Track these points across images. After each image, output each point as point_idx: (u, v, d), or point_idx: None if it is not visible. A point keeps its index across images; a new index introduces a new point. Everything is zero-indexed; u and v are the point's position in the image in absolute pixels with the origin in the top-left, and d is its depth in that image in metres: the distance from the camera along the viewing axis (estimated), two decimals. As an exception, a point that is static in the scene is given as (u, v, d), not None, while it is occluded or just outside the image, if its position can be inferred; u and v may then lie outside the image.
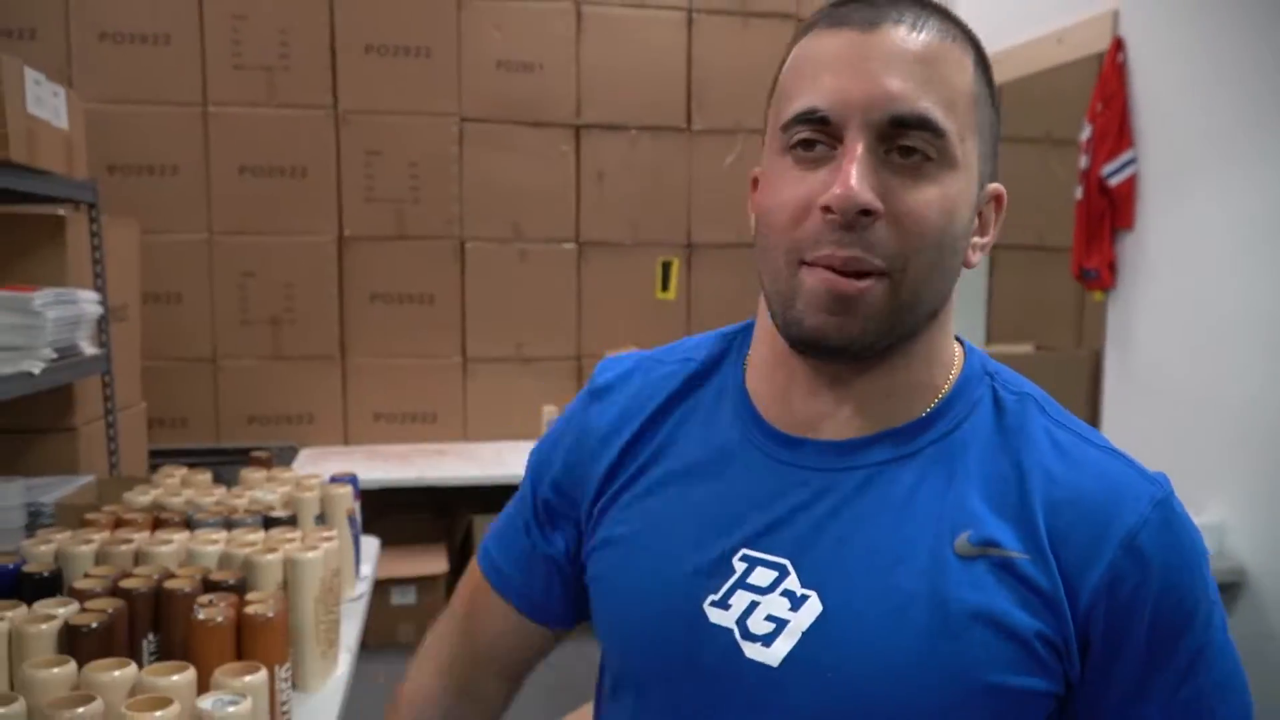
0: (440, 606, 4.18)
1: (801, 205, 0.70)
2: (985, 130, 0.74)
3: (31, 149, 2.08)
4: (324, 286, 4.38)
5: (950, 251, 0.72)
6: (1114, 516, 0.70)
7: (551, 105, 4.55)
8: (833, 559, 0.72)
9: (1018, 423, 0.75)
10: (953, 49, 0.71)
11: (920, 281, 0.71)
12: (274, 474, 2.19)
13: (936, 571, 0.70)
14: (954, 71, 0.71)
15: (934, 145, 0.69)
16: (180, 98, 4.21)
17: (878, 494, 0.73)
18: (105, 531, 1.70)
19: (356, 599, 2.03)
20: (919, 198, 0.69)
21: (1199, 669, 0.71)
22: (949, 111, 0.70)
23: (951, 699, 0.68)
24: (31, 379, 2.05)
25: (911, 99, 0.68)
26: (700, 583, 0.76)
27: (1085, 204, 3.32)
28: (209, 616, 1.31)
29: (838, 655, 0.70)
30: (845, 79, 0.69)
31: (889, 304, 0.70)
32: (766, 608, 0.72)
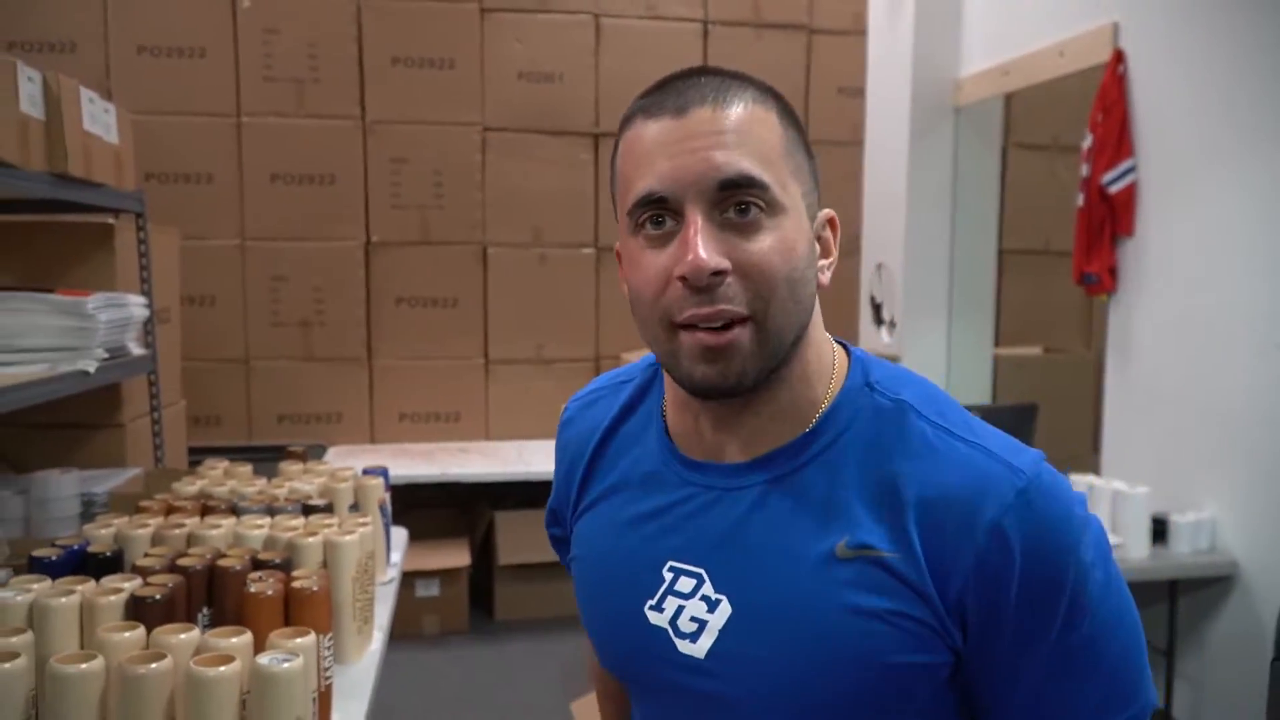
0: (464, 599, 4.31)
1: (661, 278, 0.78)
2: (802, 170, 0.82)
3: (87, 163, 2.24)
4: (352, 290, 4.54)
5: (799, 284, 0.79)
6: (978, 509, 0.76)
7: (571, 114, 4.69)
8: (738, 567, 0.82)
9: (895, 429, 0.81)
10: (755, 111, 0.79)
11: (780, 318, 0.78)
12: (310, 467, 2.34)
13: (823, 573, 0.79)
14: (762, 131, 0.79)
15: (761, 198, 0.77)
16: (215, 108, 4.38)
17: (773, 507, 0.82)
18: (159, 517, 1.85)
19: (387, 583, 2.17)
20: (759, 248, 0.77)
21: (1077, 621, 0.77)
22: (766, 166, 0.77)
23: (853, 682, 0.78)
24: (86, 377, 2.21)
25: (732, 164, 0.76)
26: (640, 590, 0.88)
27: (1086, 211, 3.43)
28: (260, 590, 1.45)
29: (749, 648, 0.81)
30: (673, 162, 0.77)
31: (757, 344, 0.78)
32: (690, 610, 0.84)
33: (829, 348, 0.87)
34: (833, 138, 4.98)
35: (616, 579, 0.91)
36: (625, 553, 0.90)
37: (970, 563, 0.76)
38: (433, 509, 4.54)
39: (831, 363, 0.86)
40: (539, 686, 3.71)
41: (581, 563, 0.97)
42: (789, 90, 4.92)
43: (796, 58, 4.94)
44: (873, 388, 0.84)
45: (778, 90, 0.84)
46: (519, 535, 4.31)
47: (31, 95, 1.99)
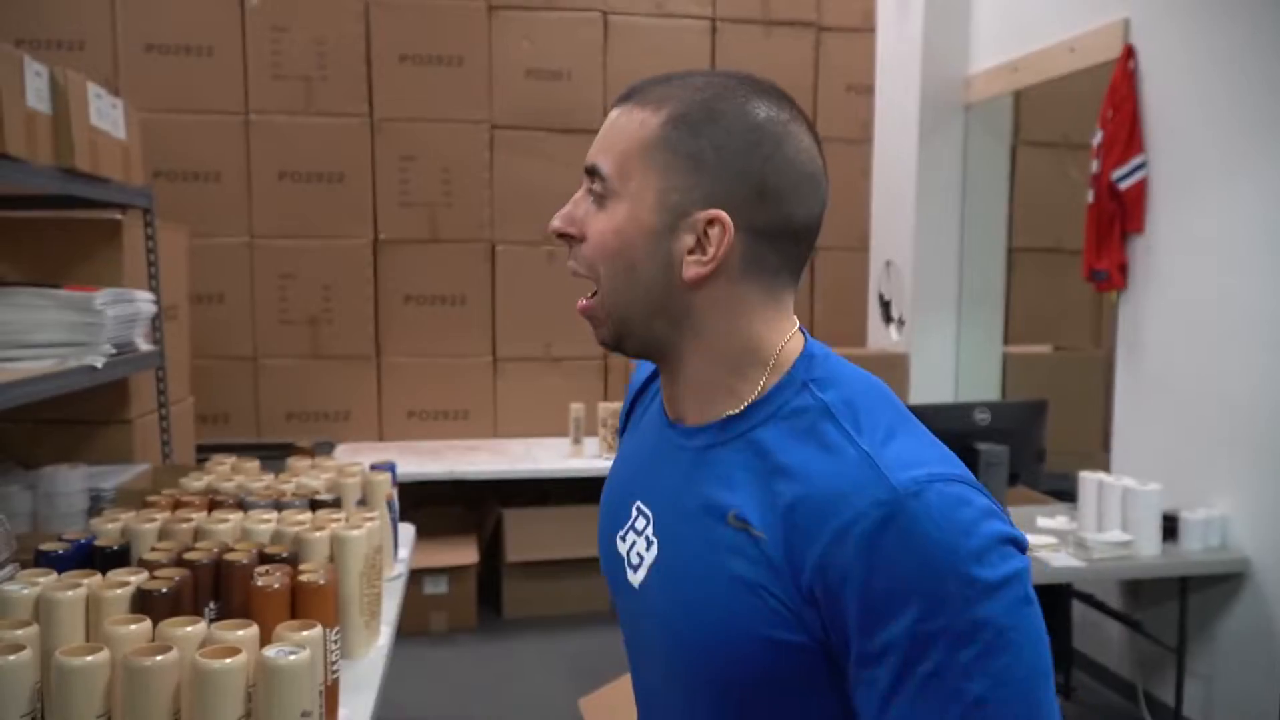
0: (472, 596, 4.32)
1: None
2: (671, 168, 0.87)
3: (94, 158, 2.24)
4: (360, 288, 4.54)
5: (634, 266, 0.88)
6: (834, 512, 0.78)
7: (579, 112, 4.69)
8: (668, 517, 0.92)
9: (806, 426, 0.85)
10: (635, 114, 0.89)
11: (612, 291, 0.89)
12: (318, 462, 2.33)
13: (716, 537, 0.86)
14: (627, 129, 0.89)
15: (601, 183, 0.89)
16: (223, 106, 4.39)
17: (704, 470, 0.90)
18: (166, 512, 1.85)
19: (395, 578, 2.17)
20: (594, 223, 0.89)
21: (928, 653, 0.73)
22: (613, 158, 0.89)
23: (734, 650, 0.83)
24: (93, 373, 2.21)
25: (592, 153, 0.91)
26: (617, 520, 1.00)
27: (1096, 207, 3.41)
28: (267, 583, 1.44)
29: (661, 596, 0.91)
30: None
31: (603, 310, 0.90)
32: (637, 546, 0.95)
33: (769, 339, 0.91)
34: (842, 135, 4.96)
35: (609, 506, 1.04)
36: (618, 484, 1.04)
37: (816, 563, 0.78)
38: (441, 506, 4.54)
39: (773, 354, 0.90)
40: (547, 684, 3.71)
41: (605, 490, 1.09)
42: (798, 87, 4.93)
43: (805, 55, 4.92)
44: (807, 385, 0.88)
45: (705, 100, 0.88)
46: (528, 532, 4.31)
47: (39, 89, 1.99)
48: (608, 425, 4.31)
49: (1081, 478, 3.03)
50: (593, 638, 4.08)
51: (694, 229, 0.87)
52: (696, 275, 0.87)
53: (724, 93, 0.88)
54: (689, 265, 0.87)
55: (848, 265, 4.93)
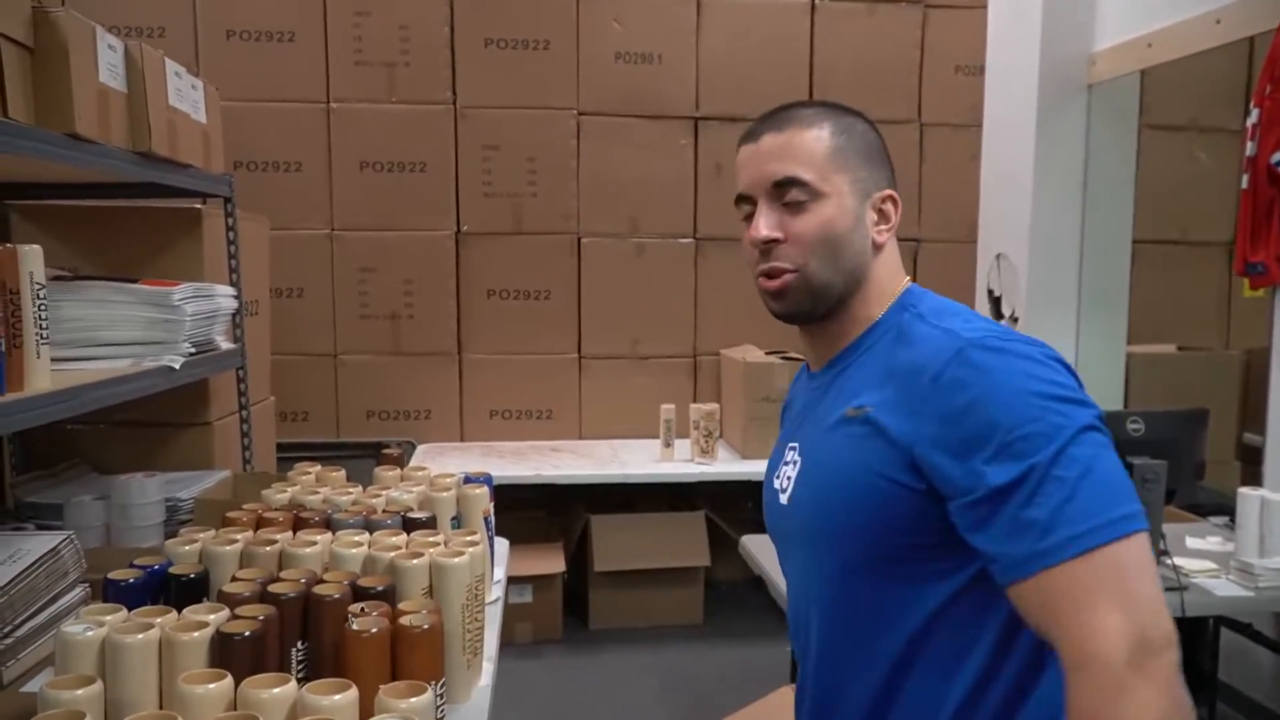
0: (557, 606, 4.13)
1: (749, 245, 1.17)
2: (852, 163, 1.15)
3: (172, 142, 2.07)
4: (441, 282, 4.36)
5: (840, 245, 1.14)
6: (923, 368, 1.04)
7: (670, 97, 4.45)
8: (811, 440, 1.19)
9: (906, 332, 1.11)
10: (804, 132, 1.15)
11: (822, 271, 1.14)
12: (407, 473, 2.14)
13: (842, 429, 1.11)
14: (807, 144, 1.14)
15: (803, 191, 1.13)
16: (304, 95, 4.24)
17: (828, 395, 1.18)
18: (248, 530, 1.67)
19: (493, 602, 1.97)
20: (804, 224, 1.13)
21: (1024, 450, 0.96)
22: (809, 167, 1.13)
23: (862, 489, 1.07)
24: (172, 374, 2.04)
25: (785, 167, 1.13)
26: (774, 466, 1.27)
27: (1251, 193, 3.08)
28: (364, 627, 1.24)
29: (801, 489, 1.18)
30: (748, 172, 1.17)
31: (803, 289, 1.14)
32: (785, 472, 1.22)
33: (892, 285, 1.19)
34: (949, 120, 4.67)
35: (771, 465, 1.29)
36: (779, 446, 1.30)
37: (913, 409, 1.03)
38: (524, 510, 4.34)
39: (890, 295, 1.18)
40: (636, 699, 3.50)
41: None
42: (902, 69, 4.64)
43: (910, 35, 4.62)
44: (905, 308, 1.15)
45: (843, 108, 1.20)
46: (615, 540, 4.10)
47: (112, 65, 1.82)
48: (700, 428, 4.08)
49: (1241, 495, 2.71)
50: (683, 651, 3.86)
51: (875, 206, 1.18)
52: (883, 242, 1.18)
53: (832, 107, 1.20)
54: (879, 234, 1.18)
55: (953, 258, 4.63)
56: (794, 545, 1.22)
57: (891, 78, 4.61)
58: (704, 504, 4.33)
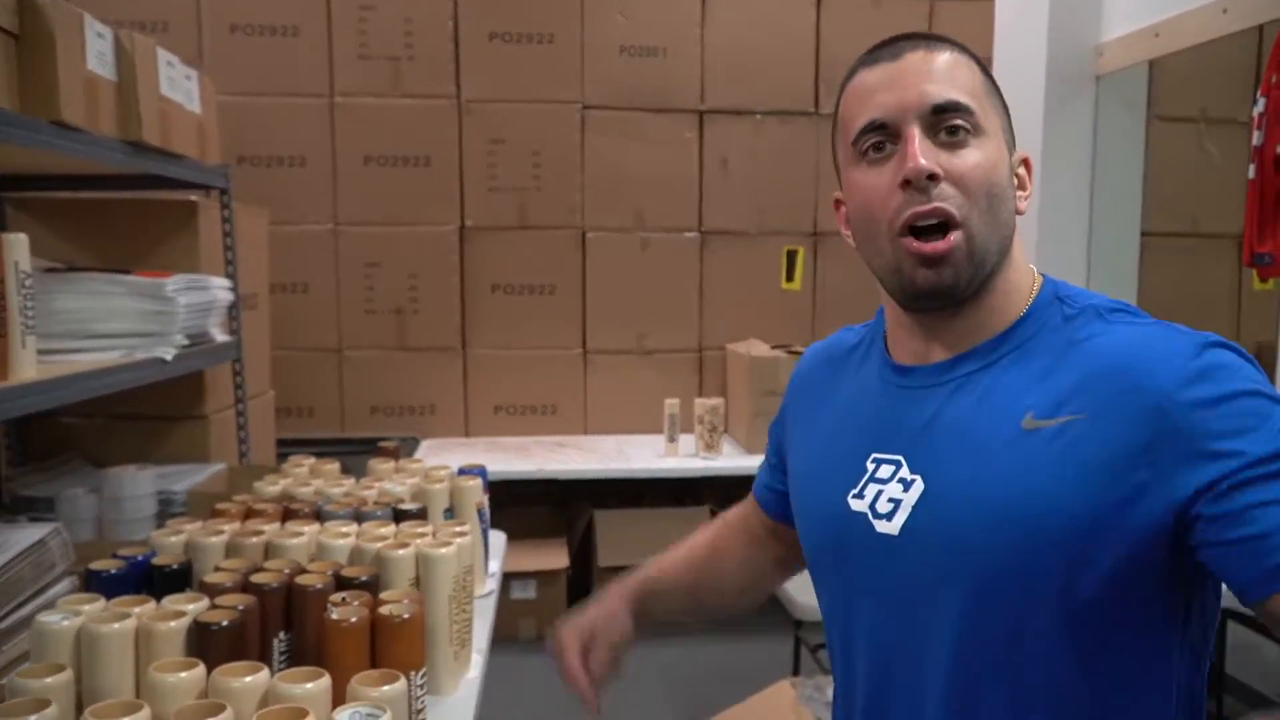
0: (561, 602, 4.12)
1: (886, 190, 0.92)
2: (999, 111, 0.97)
3: (164, 131, 2.05)
4: (446, 277, 4.35)
5: (999, 199, 0.93)
6: (1158, 369, 0.85)
7: (675, 90, 4.43)
8: (933, 450, 0.94)
9: (1081, 327, 0.93)
10: (960, 59, 0.95)
11: (983, 227, 0.92)
12: (402, 465, 2.13)
13: (1010, 446, 0.88)
14: (965, 73, 0.94)
15: (968, 121, 0.92)
16: (308, 89, 4.23)
17: (966, 397, 0.94)
18: (235, 522, 1.65)
19: (486, 595, 1.95)
20: (967, 161, 0.91)
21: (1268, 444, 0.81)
22: (971, 96, 0.93)
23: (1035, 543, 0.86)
24: (164, 365, 2.03)
25: (942, 92, 0.91)
26: (844, 483, 1.01)
27: (1258, 183, 3.04)
28: (343, 617, 1.23)
29: (939, 520, 0.91)
30: (892, 94, 0.93)
31: (968, 251, 0.91)
32: (888, 493, 0.96)
33: (1028, 270, 1.00)
34: (956, 112, 4.61)
35: (826, 476, 1.04)
36: (836, 453, 1.04)
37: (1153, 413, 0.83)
38: (529, 506, 4.33)
39: (1031, 282, 0.99)
40: (640, 698, 3.48)
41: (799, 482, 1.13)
42: (908, 62, 4.59)
43: (918, 26, 4.58)
44: (1062, 300, 0.96)
45: (977, 54, 0.99)
46: (620, 536, 4.08)
47: (101, 52, 1.81)
48: (704, 422, 4.06)
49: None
50: (687, 649, 3.83)
51: (1015, 167, 0.98)
52: (1023, 209, 0.98)
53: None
54: (1020, 200, 0.98)
55: (962, 252, 4.58)
56: (892, 586, 0.96)
57: (898, 70, 4.57)
58: (709, 499, 4.30)
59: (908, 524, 0.93)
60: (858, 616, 1.01)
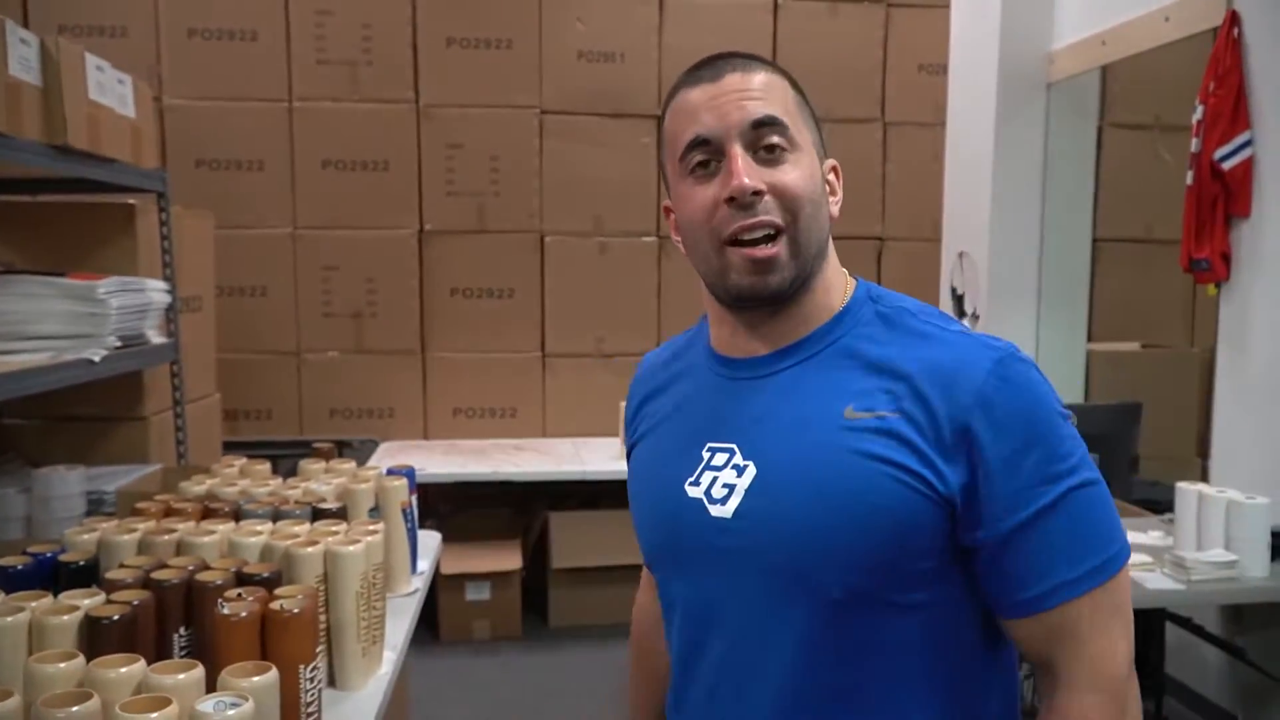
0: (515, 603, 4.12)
1: (711, 205, 0.98)
2: (810, 126, 1.03)
3: (93, 135, 2.07)
4: (404, 280, 4.37)
5: (817, 207, 1.00)
6: (963, 376, 0.93)
7: (633, 95, 4.46)
8: (763, 437, 1.00)
9: (894, 325, 1.01)
10: (773, 79, 1.01)
11: (806, 232, 0.98)
12: (332, 465, 2.15)
13: (834, 433, 0.96)
14: (779, 92, 1.01)
15: (784, 137, 0.98)
16: (266, 93, 4.25)
17: (791, 388, 1.01)
18: (152, 521, 1.67)
19: (410, 594, 1.97)
20: (787, 176, 0.98)
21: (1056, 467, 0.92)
22: (785, 113, 0.99)
23: (856, 520, 0.93)
24: (92, 366, 2.05)
25: (761, 109, 0.98)
26: (681, 473, 1.05)
27: (1196, 190, 3.09)
28: (233, 611, 1.25)
29: (771, 502, 0.97)
30: (713, 112, 0.98)
31: (790, 255, 0.98)
32: (722, 479, 1.01)
33: (841, 272, 1.08)
34: (912, 119, 4.67)
35: (663, 468, 1.08)
36: (671, 446, 1.09)
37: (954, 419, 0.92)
38: (486, 508, 4.36)
39: (844, 282, 1.07)
40: (594, 697, 3.50)
41: (636, 481, 1.16)
42: (865, 68, 4.64)
43: (873, 34, 4.63)
44: (875, 299, 1.04)
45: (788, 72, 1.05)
46: (575, 537, 4.11)
47: (24, 58, 1.83)
48: (660, 425, 4.08)
49: (1179, 489, 2.72)
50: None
51: (826, 174, 1.05)
52: (835, 214, 1.05)
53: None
54: (833, 205, 1.05)
55: (918, 257, 4.64)
56: (728, 569, 1.00)
57: (855, 77, 4.62)
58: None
59: (740, 508, 0.99)
60: (695, 605, 1.05)
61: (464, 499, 4.20)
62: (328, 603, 1.52)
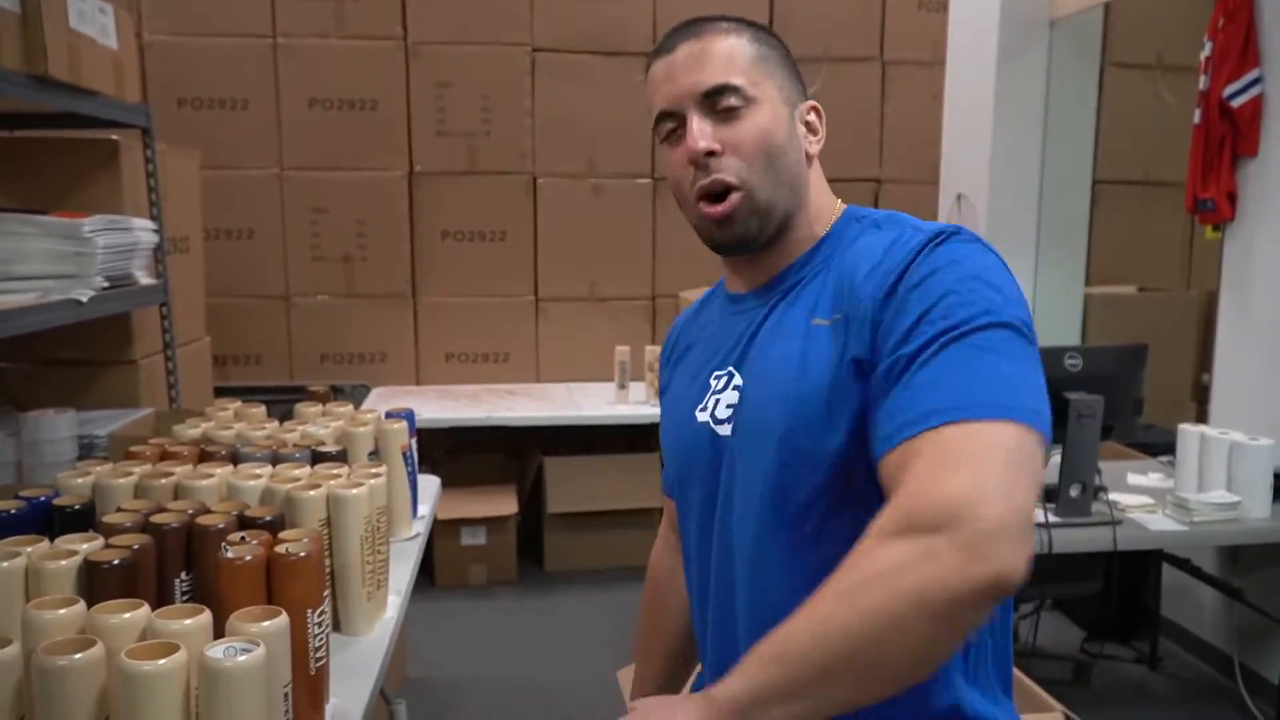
0: (511, 548, 4.11)
1: (682, 166, 1.08)
2: (777, 73, 1.09)
3: (75, 67, 1.99)
4: (395, 223, 4.30)
5: (779, 156, 1.07)
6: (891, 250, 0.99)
7: (627, 33, 4.37)
8: (752, 359, 1.08)
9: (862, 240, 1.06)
10: (724, 38, 1.07)
11: (764, 185, 1.06)
12: (329, 409, 2.10)
13: (799, 341, 1.03)
14: (730, 49, 1.06)
15: (737, 97, 1.05)
16: (249, 29, 4.14)
17: (779, 313, 1.08)
18: (147, 464, 1.63)
19: (411, 538, 1.94)
20: (740, 132, 1.05)
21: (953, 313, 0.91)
22: (740, 74, 1.05)
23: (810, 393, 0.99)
24: (79, 307, 1.99)
25: (709, 79, 1.05)
26: (693, 400, 1.15)
27: (1203, 129, 3.04)
28: (237, 555, 1.21)
29: (751, 408, 1.06)
30: (671, 85, 1.07)
31: (750, 208, 1.06)
32: (724, 400, 1.10)
33: (830, 202, 1.14)
34: (912, 58, 4.59)
35: (682, 401, 1.18)
36: (687, 381, 1.19)
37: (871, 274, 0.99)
38: (480, 454, 4.33)
39: (831, 212, 1.13)
40: (588, 640, 3.50)
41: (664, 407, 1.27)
42: (863, 5, 4.54)
43: (874, -29, 4.53)
44: (859, 220, 1.10)
45: (753, 22, 1.12)
46: (570, 482, 4.09)
47: (1, -17, 1.75)
48: (655, 370, 4.04)
49: (1181, 431, 2.71)
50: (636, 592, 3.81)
51: (802, 117, 1.12)
52: (814, 154, 1.12)
53: (741, 19, 1.11)
54: (811, 144, 1.12)
55: (916, 200, 4.58)
56: (728, 484, 1.07)
57: (853, 14, 4.53)
58: (658, 446, 4.32)
59: (736, 421, 1.07)
60: (712, 525, 1.11)
61: (458, 444, 4.16)
62: (331, 547, 1.49)
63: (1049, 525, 2.41)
